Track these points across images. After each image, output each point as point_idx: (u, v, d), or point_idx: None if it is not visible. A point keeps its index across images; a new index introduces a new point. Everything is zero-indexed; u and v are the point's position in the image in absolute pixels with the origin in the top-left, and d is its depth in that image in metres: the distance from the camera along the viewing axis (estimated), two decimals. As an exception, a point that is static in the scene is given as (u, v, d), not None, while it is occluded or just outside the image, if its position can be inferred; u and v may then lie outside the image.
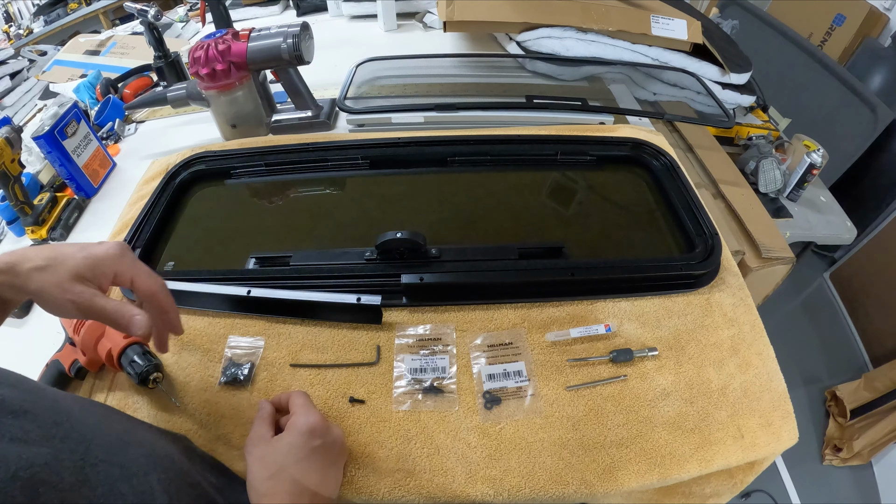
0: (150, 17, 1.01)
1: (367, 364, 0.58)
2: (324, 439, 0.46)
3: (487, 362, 0.57)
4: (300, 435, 0.45)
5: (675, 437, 0.52)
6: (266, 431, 0.47)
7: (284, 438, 0.46)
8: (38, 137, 0.81)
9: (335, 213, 0.79)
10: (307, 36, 0.87)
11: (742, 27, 1.56)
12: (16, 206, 0.80)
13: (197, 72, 0.84)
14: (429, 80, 1.08)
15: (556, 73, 1.11)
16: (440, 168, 0.82)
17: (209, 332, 0.61)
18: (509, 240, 0.72)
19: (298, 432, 0.45)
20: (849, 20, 2.15)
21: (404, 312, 0.62)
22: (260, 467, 0.44)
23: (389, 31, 1.36)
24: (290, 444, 0.45)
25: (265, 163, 0.81)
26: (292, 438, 0.45)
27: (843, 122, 1.84)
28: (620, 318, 0.61)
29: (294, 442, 0.45)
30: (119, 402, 0.55)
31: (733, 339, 0.59)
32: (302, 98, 0.94)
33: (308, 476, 0.44)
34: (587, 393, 0.55)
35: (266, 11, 1.52)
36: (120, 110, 1.08)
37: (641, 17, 1.05)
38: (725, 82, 1.11)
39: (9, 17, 2.84)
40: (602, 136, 0.85)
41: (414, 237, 0.61)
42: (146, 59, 1.21)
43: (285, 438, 0.45)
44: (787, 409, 0.54)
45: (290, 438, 0.45)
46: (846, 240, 1.25)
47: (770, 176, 1.21)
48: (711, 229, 0.66)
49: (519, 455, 0.51)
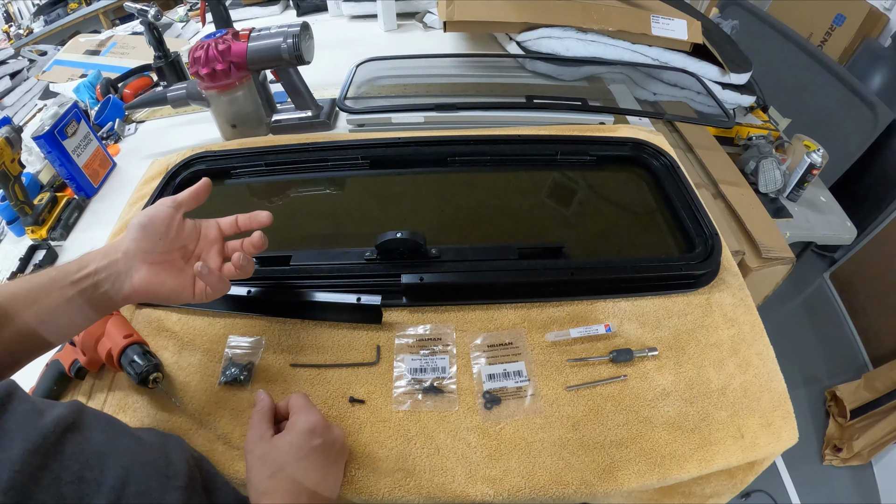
0: (150, 16, 1.01)
1: (367, 364, 0.58)
2: (324, 438, 0.46)
3: (487, 362, 0.57)
4: (300, 434, 0.45)
5: (675, 437, 0.52)
6: (266, 430, 0.47)
7: (285, 437, 0.45)
8: (38, 137, 0.81)
9: (335, 213, 0.79)
10: (307, 36, 0.87)
11: (742, 27, 1.56)
12: (16, 206, 0.80)
13: (197, 72, 0.84)
14: (429, 80, 1.08)
15: (556, 73, 1.11)
16: (440, 168, 0.82)
17: (209, 332, 0.61)
18: (509, 240, 0.72)
19: (299, 431, 0.45)
20: (849, 20, 2.15)
21: (404, 312, 0.62)
22: (260, 466, 0.44)
23: (389, 31, 1.36)
24: (290, 442, 0.45)
25: (265, 163, 0.81)
26: (293, 437, 0.45)
27: (843, 122, 1.84)
28: (620, 318, 0.61)
29: (294, 441, 0.45)
30: (119, 402, 0.55)
31: (733, 339, 0.59)
32: (302, 98, 0.94)
33: (308, 475, 0.44)
34: (587, 393, 0.55)
35: (266, 11, 1.52)
36: (120, 110, 1.08)
37: (641, 17, 1.05)
38: (725, 82, 1.11)
39: (9, 17, 2.84)
40: (602, 136, 0.85)
41: (414, 237, 0.61)
42: (146, 59, 1.21)
43: (286, 437, 0.45)
44: (787, 410, 0.54)
45: (290, 437, 0.45)
46: (846, 240, 1.25)
47: (770, 176, 1.21)
48: (711, 229, 0.66)
49: (519, 455, 0.51)
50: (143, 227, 0.47)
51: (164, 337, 0.60)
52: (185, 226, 0.50)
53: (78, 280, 0.44)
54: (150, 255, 0.47)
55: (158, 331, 0.61)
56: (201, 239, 0.52)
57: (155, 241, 0.47)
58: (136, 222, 0.47)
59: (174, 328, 0.61)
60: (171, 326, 0.61)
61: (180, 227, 0.49)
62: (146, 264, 0.47)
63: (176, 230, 0.49)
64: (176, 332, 0.60)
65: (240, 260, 0.49)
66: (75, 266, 0.45)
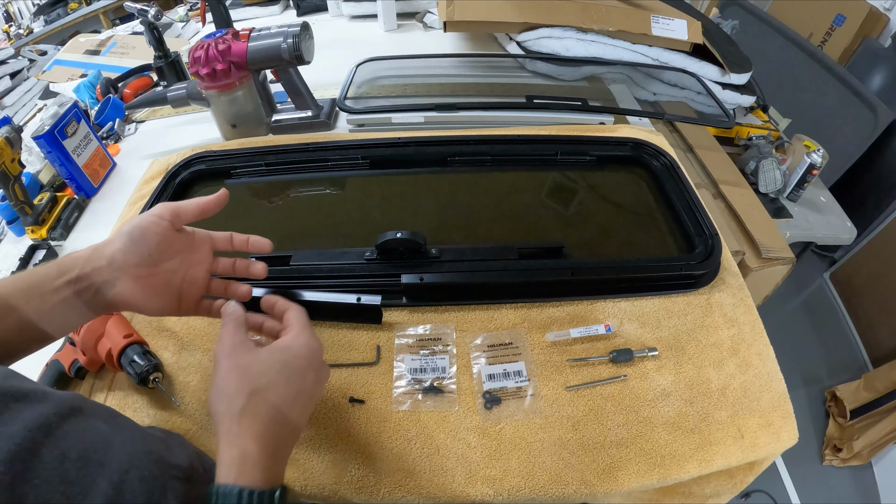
0: (150, 16, 1.01)
1: (367, 364, 0.58)
2: (318, 373, 0.41)
3: (487, 362, 0.57)
4: (299, 357, 0.40)
5: (675, 438, 0.52)
6: (244, 337, 0.41)
7: (276, 354, 0.40)
8: (38, 137, 0.81)
9: (335, 212, 0.79)
10: (307, 36, 0.87)
11: (742, 27, 1.56)
12: (16, 206, 0.80)
13: (197, 72, 0.84)
14: (429, 80, 1.08)
15: (557, 73, 1.11)
16: (440, 168, 0.82)
17: (209, 332, 0.61)
18: (509, 240, 0.72)
19: (298, 353, 0.40)
20: (849, 20, 2.15)
21: (404, 312, 0.62)
22: (238, 378, 0.39)
23: (389, 31, 1.36)
24: (284, 362, 0.40)
25: (265, 163, 0.81)
26: (288, 357, 0.40)
27: (843, 122, 1.84)
28: (620, 319, 0.61)
29: (290, 362, 0.40)
30: (119, 401, 0.55)
31: (733, 339, 0.59)
32: (302, 98, 0.94)
33: (293, 406, 0.39)
34: (587, 393, 0.55)
35: (266, 11, 1.52)
36: (120, 110, 1.08)
37: (641, 18, 1.05)
38: (725, 82, 1.11)
39: (9, 17, 2.83)
40: (602, 137, 0.85)
41: (414, 237, 0.61)
42: (146, 59, 1.21)
43: (277, 355, 0.40)
44: (787, 410, 0.54)
45: (284, 356, 0.40)
46: (846, 240, 1.25)
47: (770, 176, 1.21)
48: (711, 229, 0.66)
49: (519, 455, 0.51)
50: (134, 240, 0.43)
51: (164, 337, 0.60)
52: (179, 238, 0.46)
53: (58, 287, 0.41)
54: (137, 268, 0.43)
55: (158, 331, 0.61)
56: (194, 252, 0.48)
57: (143, 255, 0.43)
58: (127, 232, 0.43)
59: (174, 328, 0.61)
60: (171, 326, 0.61)
61: (173, 241, 0.45)
62: (131, 278, 0.43)
63: (168, 245, 0.45)
64: (176, 332, 0.60)
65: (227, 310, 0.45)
66: (55, 271, 0.41)
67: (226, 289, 0.50)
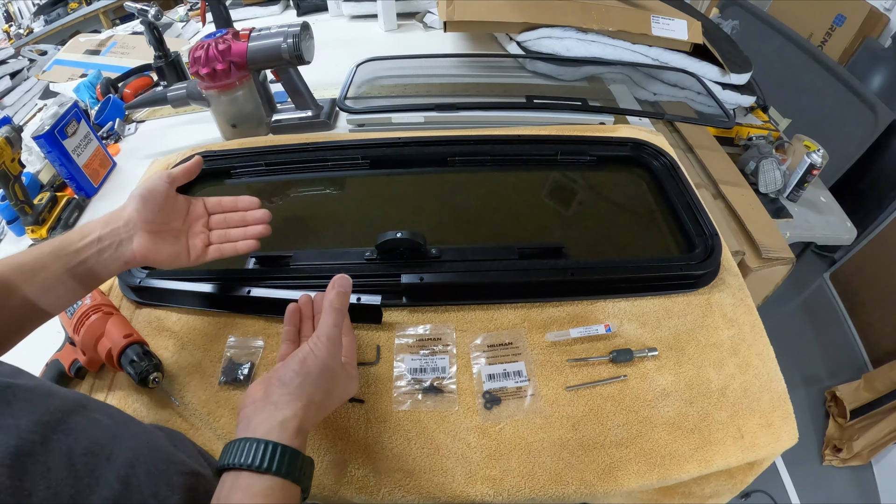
0: (150, 16, 1.01)
1: (366, 364, 0.58)
2: (353, 379, 0.48)
3: (487, 362, 0.57)
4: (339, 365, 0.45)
5: (675, 438, 0.52)
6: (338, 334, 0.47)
7: (315, 359, 0.44)
8: (38, 137, 0.81)
9: (335, 213, 0.79)
10: (307, 36, 0.87)
11: (742, 27, 1.56)
12: (16, 206, 0.80)
13: (197, 71, 0.84)
14: (429, 80, 1.08)
15: (557, 73, 1.11)
16: (440, 168, 0.82)
17: (209, 332, 0.61)
18: (509, 240, 0.72)
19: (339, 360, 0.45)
20: (849, 20, 2.15)
21: (404, 312, 0.62)
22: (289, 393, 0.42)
23: (389, 31, 1.36)
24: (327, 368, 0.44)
25: (265, 163, 0.81)
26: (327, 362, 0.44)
27: (843, 122, 1.84)
28: (620, 319, 0.61)
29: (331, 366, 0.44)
30: (119, 401, 0.55)
31: (733, 339, 0.59)
32: (302, 98, 0.94)
33: (325, 406, 0.44)
34: (587, 393, 0.55)
35: (266, 11, 1.52)
36: (120, 110, 1.08)
37: (641, 18, 1.05)
38: (725, 82, 1.11)
39: (9, 17, 2.83)
40: (602, 137, 0.85)
41: (414, 237, 0.61)
42: (146, 59, 1.21)
43: (316, 360, 0.44)
44: (787, 410, 0.54)
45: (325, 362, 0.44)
46: (846, 240, 1.25)
47: (770, 176, 1.21)
48: (711, 229, 0.66)
49: (519, 455, 0.51)
50: (144, 199, 0.52)
51: (164, 337, 0.60)
52: (179, 199, 0.56)
53: (82, 248, 0.48)
54: (150, 224, 0.52)
55: (158, 331, 0.61)
56: (191, 213, 0.57)
57: (154, 211, 0.52)
58: (137, 194, 0.52)
59: (174, 328, 0.61)
60: (171, 326, 0.61)
61: (174, 201, 0.55)
62: (146, 232, 0.52)
63: (171, 203, 0.54)
64: (176, 332, 0.60)
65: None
66: (78, 235, 0.49)
67: (226, 234, 0.58)
